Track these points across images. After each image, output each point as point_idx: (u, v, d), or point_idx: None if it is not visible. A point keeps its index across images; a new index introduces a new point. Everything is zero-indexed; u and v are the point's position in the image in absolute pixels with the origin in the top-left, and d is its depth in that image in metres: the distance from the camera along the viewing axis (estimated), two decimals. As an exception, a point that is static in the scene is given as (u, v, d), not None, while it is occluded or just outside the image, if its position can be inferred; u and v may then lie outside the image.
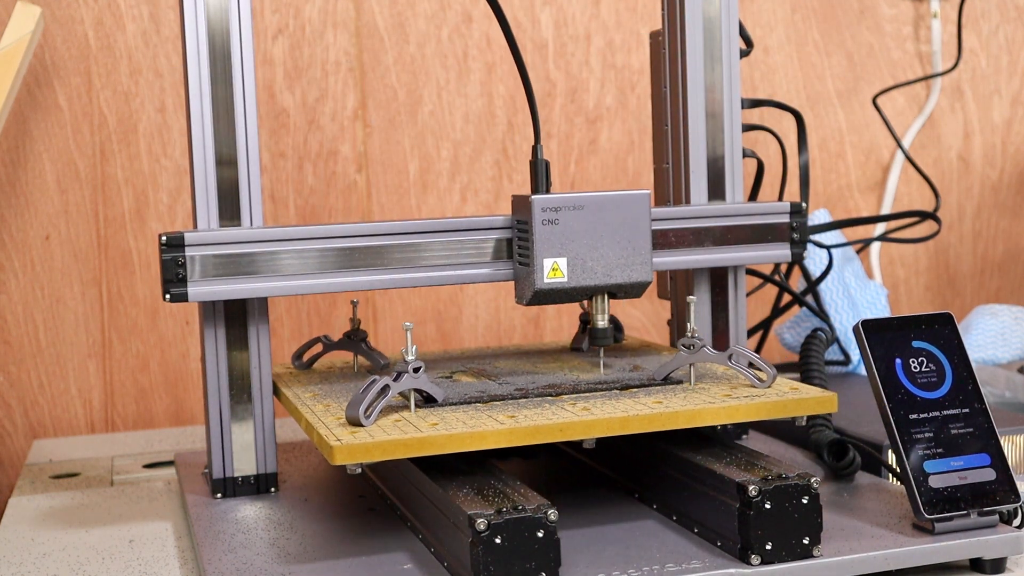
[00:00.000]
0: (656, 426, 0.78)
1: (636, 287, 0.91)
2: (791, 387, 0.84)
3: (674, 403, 0.81)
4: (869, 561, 0.76)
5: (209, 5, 0.91)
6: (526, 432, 0.76)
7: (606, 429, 0.77)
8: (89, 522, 0.94)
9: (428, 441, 0.74)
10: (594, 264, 0.89)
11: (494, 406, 0.82)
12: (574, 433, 0.77)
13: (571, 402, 0.82)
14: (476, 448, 0.75)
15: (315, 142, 1.37)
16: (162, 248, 0.87)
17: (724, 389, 0.84)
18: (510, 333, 1.45)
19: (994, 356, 1.30)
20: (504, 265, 0.93)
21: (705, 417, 0.79)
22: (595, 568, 0.75)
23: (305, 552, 0.81)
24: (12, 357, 1.31)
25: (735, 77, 1.02)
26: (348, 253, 0.91)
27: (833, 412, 0.83)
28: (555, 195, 0.89)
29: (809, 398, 0.82)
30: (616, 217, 0.89)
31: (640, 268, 0.90)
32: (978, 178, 1.63)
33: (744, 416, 0.80)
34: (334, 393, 0.90)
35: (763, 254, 1.01)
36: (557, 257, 0.89)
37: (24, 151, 1.30)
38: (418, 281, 0.92)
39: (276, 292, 0.90)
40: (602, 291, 0.90)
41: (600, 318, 0.91)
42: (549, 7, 1.44)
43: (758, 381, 0.85)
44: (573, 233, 0.89)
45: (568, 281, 0.89)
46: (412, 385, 0.80)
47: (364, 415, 0.77)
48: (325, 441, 0.74)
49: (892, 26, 1.58)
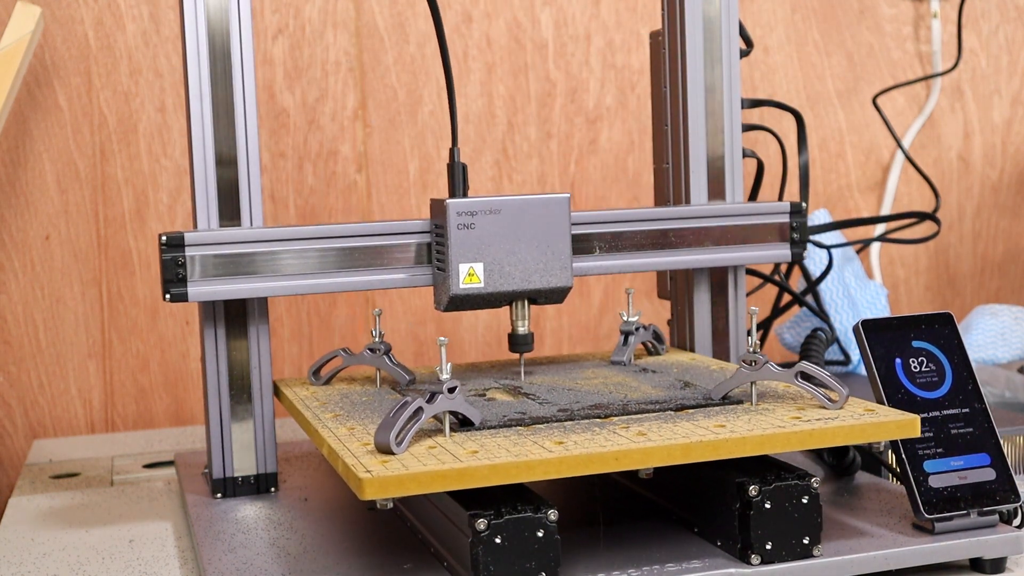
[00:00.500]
0: (722, 453, 0.71)
1: (556, 292, 0.90)
2: (866, 408, 0.78)
3: (739, 427, 0.74)
4: (869, 561, 0.76)
5: (209, 5, 0.91)
6: (578, 461, 0.69)
7: (666, 457, 0.70)
8: (89, 522, 0.94)
9: (468, 472, 0.67)
10: (512, 269, 0.88)
11: (537, 430, 0.76)
12: (630, 462, 0.70)
13: (623, 425, 0.76)
14: (523, 480, 0.69)
15: (315, 142, 1.37)
16: (162, 248, 0.87)
17: (791, 411, 0.78)
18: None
19: (994, 356, 1.30)
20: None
21: (776, 443, 0.72)
22: (595, 568, 0.75)
23: (305, 552, 0.81)
24: (12, 357, 1.31)
25: (735, 77, 1.02)
26: (348, 253, 0.91)
27: (915, 436, 0.76)
28: (471, 199, 0.88)
29: (889, 422, 0.75)
30: (535, 221, 0.88)
31: (560, 273, 0.89)
32: (978, 178, 1.63)
33: (818, 442, 0.73)
34: (357, 414, 0.84)
35: (763, 254, 1.01)
36: (473, 262, 0.87)
37: (24, 151, 1.30)
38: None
39: (276, 292, 0.90)
40: (521, 296, 0.89)
41: (520, 324, 0.90)
42: (549, 7, 1.44)
43: (829, 402, 0.78)
44: (490, 237, 0.87)
45: (485, 286, 0.87)
46: (447, 407, 0.74)
47: (395, 442, 0.70)
48: (353, 472, 0.68)
49: (892, 26, 1.58)
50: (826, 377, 0.78)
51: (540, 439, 0.73)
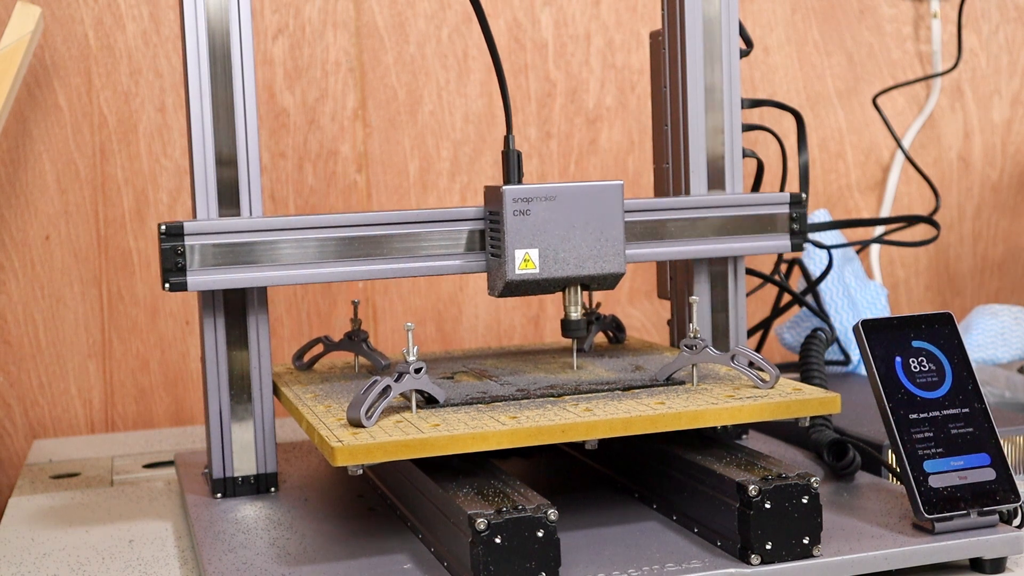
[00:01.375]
0: (659, 427, 0.78)
1: (609, 279, 0.90)
2: (794, 388, 0.84)
3: (677, 404, 0.80)
4: (869, 561, 0.76)
5: (209, 5, 0.91)
6: (528, 433, 0.76)
7: (608, 430, 0.77)
8: (89, 522, 0.94)
9: (430, 442, 0.74)
10: (566, 255, 0.89)
11: (496, 407, 0.82)
12: (576, 434, 0.77)
13: (573, 403, 0.82)
14: (478, 449, 0.75)
15: (315, 142, 1.37)
16: (161, 237, 0.87)
17: (727, 390, 0.84)
18: (510, 333, 1.45)
19: (994, 356, 1.30)
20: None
21: (708, 418, 0.79)
22: (595, 568, 0.75)
23: (305, 552, 0.81)
24: (12, 357, 1.31)
25: (735, 77, 1.02)
26: (347, 243, 0.91)
27: (836, 412, 0.82)
28: (527, 186, 0.88)
29: (812, 399, 0.81)
30: (589, 208, 0.89)
31: (613, 259, 0.90)
32: (978, 178, 1.63)
33: (747, 417, 0.80)
34: (335, 394, 0.90)
35: (762, 244, 1.01)
36: (529, 248, 0.88)
37: (24, 151, 1.30)
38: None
39: (275, 281, 0.90)
40: (575, 282, 0.90)
41: (573, 310, 0.91)
42: (549, 7, 1.44)
43: (761, 382, 0.84)
44: (545, 224, 0.88)
45: (540, 272, 0.88)
46: (413, 386, 0.80)
47: (365, 416, 0.76)
48: (326, 442, 0.74)
49: (892, 26, 1.58)
50: (759, 359, 0.84)
51: (497, 414, 0.79)
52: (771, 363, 0.84)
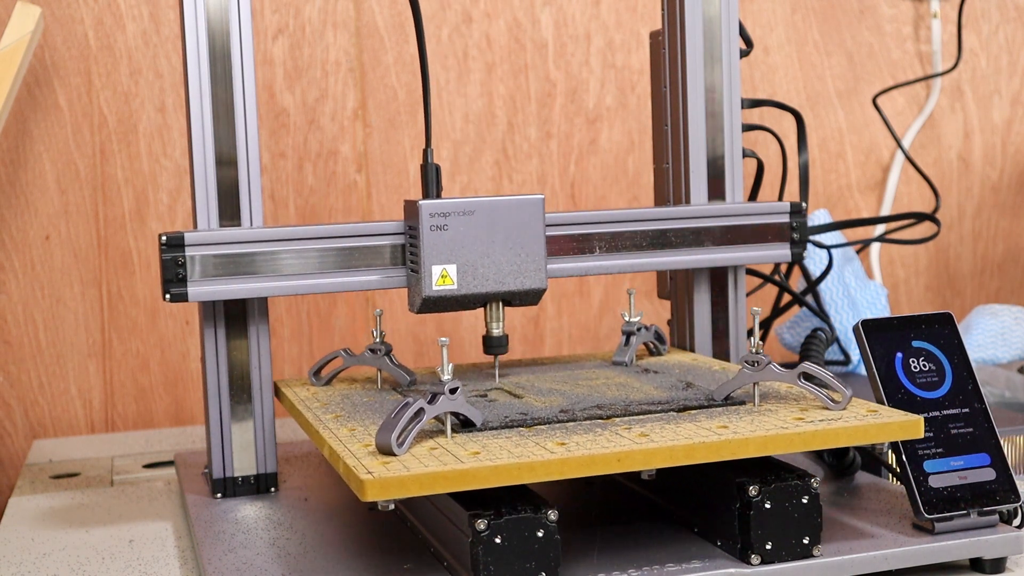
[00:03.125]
0: (724, 455, 0.71)
1: (531, 294, 0.89)
2: (869, 410, 0.78)
3: (742, 428, 0.74)
4: (869, 561, 0.76)
5: (209, 5, 0.91)
6: (580, 463, 0.69)
7: (669, 458, 0.70)
8: (89, 522, 0.94)
9: (470, 474, 0.67)
10: (485, 271, 0.87)
11: (539, 431, 0.75)
12: (633, 463, 0.70)
13: (625, 426, 0.76)
14: (525, 481, 0.69)
15: (315, 142, 1.37)
16: (162, 248, 0.87)
17: (794, 411, 0.78)
18: (510, 333, 1.45)
19: (994, 356, 1.30)
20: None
21: (778, 444, 0.72)
22: (595, 568, 0.75)
23: (305, 552, 0.81)
24: (12, 357, 1.31)
25: (735, 77, 1.02)
26: (348, 253, 0.91)
27: (918, 437, 0.75)
28: (444, 200, 0.87)
29: (892, 423, 0.75)
30: (508, 222, 0.88)
31: (534, 275, 0.89)
32: (978, 178, 1.63)
33: (822, 443, 0.73)
34: (359, 414, 0.83)
35: (763, 254, 1.01)
36: (446, 264, 0.87)
37: (24, 151, 1.30)
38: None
39: (276, 292, 0.90)
40: (495, 298, 0.89)
41: (495, 326, 0.90)
42: (549, 7, 1.44)
43: (831, 402, 0.78)
44: (463, 239, 0.87)
45: (458, 288, 0.87)
46: (449, 408, 0.74)
47: (396, 443, 0.70)
48: (354, 473, 0.67)
49: (892, 26, 1.58)
50: (829, 378, 0.78)
51: (542, 440, 0.73)
52: (843, 382, 0.78)
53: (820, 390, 0.79)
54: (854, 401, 0.79)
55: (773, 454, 0.74)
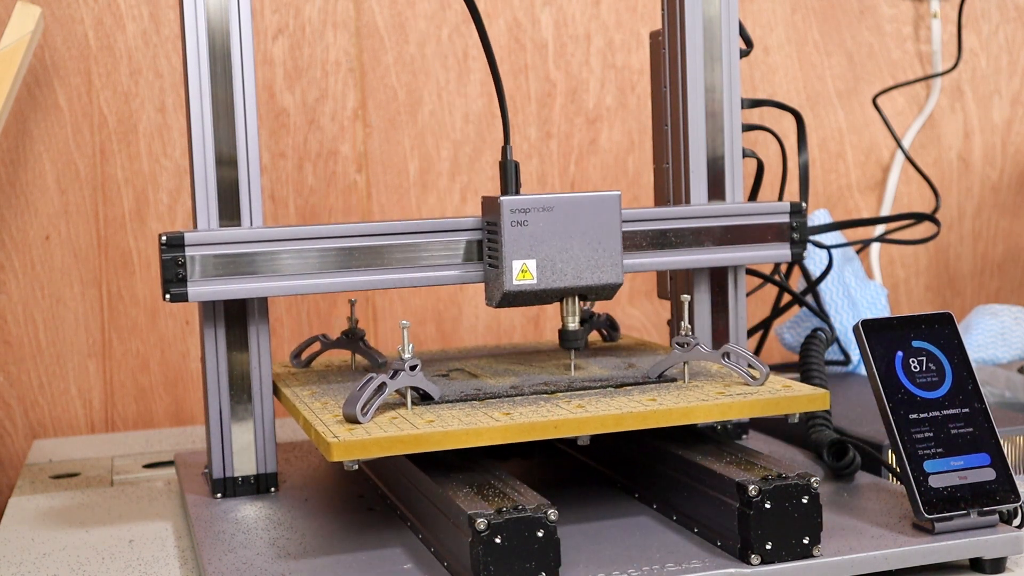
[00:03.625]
0: (650, 423, 0.79)
1: (607, 289, 0.90)
2: (783, 385, 0.85)
3: (667, 400, 0.81)
4: (869, 561, 0.76)
5: (209, 5, 0.91)
6: (521, 429, 0.76)
7: (600, 426, 0.78)
8: (89, 522, 0.94)
9: (424, 438, 0.75)
10: (564, 266, 0.89)
11: (490, 403, 0.82)
12: (568, 430, 0.77)
13: (566, 400, 0.83)
14: (471, 445, 0.75)
15: (315, 142, 1.37)
16: (162, 248, 0.87)
17: (718, 387, 0.85)
18: (510, 333, 1.45)
19: (994, 356, 1.30)
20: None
21: (698, 414, 0.80)
22: (595, 568, 0.75)
23: (305, 552, 0.81)
24: (12, 357, 1.31)
25: (735, 77, 1.02)
26: (348, 253, 0.91)
27: (826, 409, 0.82)
28: (524, 196, 0.88)
29: (801, 396, 0.82)
30: (586, 218, 0.89)
31: (611, 270, 0.90)
32: (978, 178, 1.63)
33: (737, 413, 0.81)
34: (332, 391, 0.90)
35: (763, 254, 1.01)
36: (526, 259, 0.88)
37: (24, 151, 1.30)
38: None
39: (276, 292, 0.90)
40: (572, 293, 0.90)
41: (571, 320, 0.91)
42: (549, 7, 1.44)
43: (751, 379, 0.85)
44: (542, 234, 0.88)
45: (538, 283, 0.88)
46: (408, 383, 0.81)
47: (361, 412, 0.77)
48: (322, 438, 0.75)
49: (892, 26, 1.58)
50: (751, 357, 0.85)
51: (490, 411, 0.80)
52: (762, 361, 0.85)
53: (741, 368, 0.86)
54: (772, 378, 0.86)
55: (694, 423, 0.80)
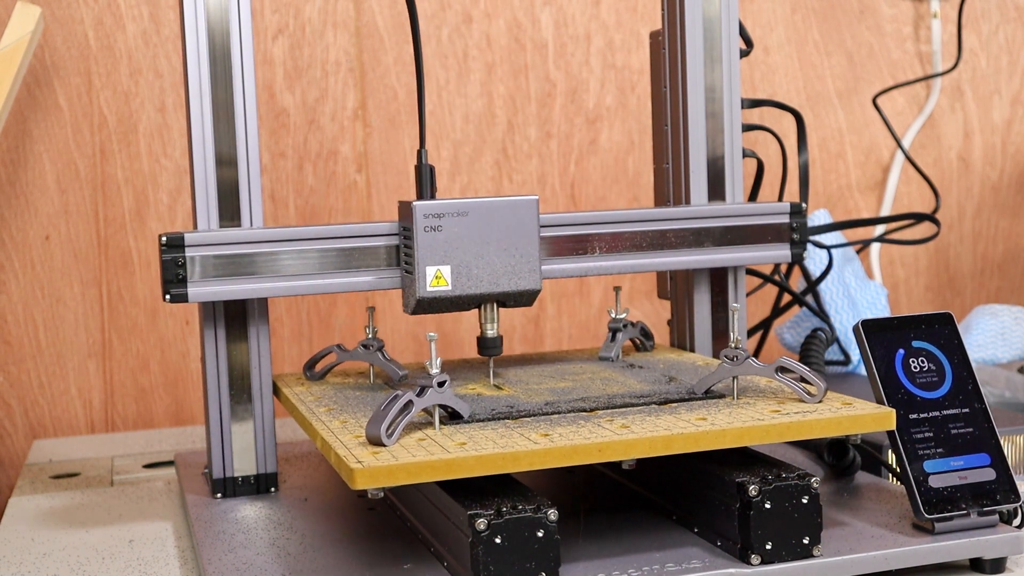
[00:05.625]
0: (702, 445, 0.73)
1: (525, 295, 0.89)
2: (843, 402, 0.79)
3: (720, 420, 0.76)
4: (869, 561, 0.76)
5: (209, 5, 0.91)
6: (562, 453, 0.71)
7: (648, 449, 0.72)
8: (89, 522, 0.94)
9: (456, 463, 0.69)
10: (480, 272, 0.87)
11: (524, 423, 0.77)
12: (613, 453, 0.72)
13: (607, 419, 0.77)
14: (509, 471, 0.70)
15: (315, 142, 1.37)
16: (162, 248, 0.87)
17: (771, 404, 0.80)
18: (510, 333, 1.45)
19: (994, 356, 1.30)
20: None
21: (754, 436, 0.74)
22: (595, 568, 0.75)
23: (305, 552, 0.81)
24: (12, 357, 1.31)
25: (735, 77, 1.02)
26: (348, 253, 0.91)
27: (890, 429, 0.77)
28: (439, 200, 0.87)
29: (865, 415, 0.77)
30: (503, 224, 0.88)
31: (528, 276, 0.89)
32: (978, 178, 1.63)
33: (796, 434, 0.75)
34: (350, 407, 0.85)
35: (763, 254, 1.01)
36: (440, 264, 0.87)
37: (24, 151, 1.30)
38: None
39: (276, 293, 0.90)
40: (489, 300, 0.89)
41: (489, 327, 0.90)
42: (549, 7, 1.44)
43: (807, 395, 0.80)
44: (458, 240, 0.87)
45: (452, 289, 0.87)
46: (437, 401, 0.76)
47: (386, 434, 0.72)
48: (344, 463, 0.70)
49: (892, 26, 1.58)
50: (805, 372, 0.80)
51: (526, 431, 0.75)
52: (819, 375, 0.80)
53: (796, 384, 0.80)
54: (829, 394, 0.81)
55: (749, 445, 0.75)
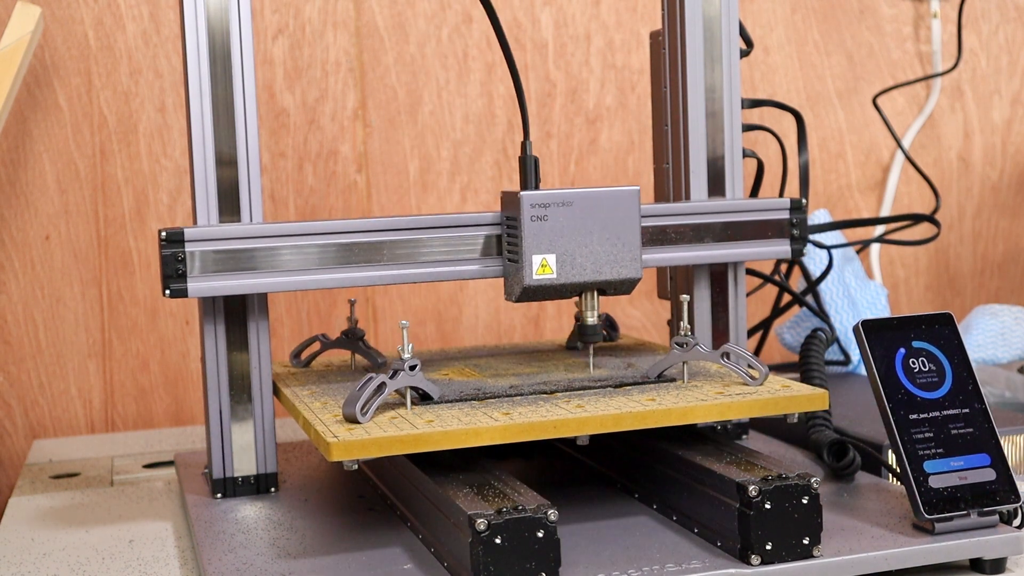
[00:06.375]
0: (649, 423, 0.79)
1: (626, 284, 0.91)
2: (783, 385, 0.85)
3: (666, 400, 0.81)
4: (869, 561, 0.76)
5: (209, 5, 0.91)
6: (520, 429, 0.77)
7: (599, 426, 0.78)
8: (89, 522, 0.94)
9: (424, 438, 0.75)
10: (583, 260, 0.89)
11: (489, 403, 0.82)
12: (567, 430, 0.77)
13: (565, 399, 0.83)
14: (471, 444, 0.75)
15: (315, 142, 1.37)
16: (162, 244, 0.87)
17: (717, 387, 0.85)
18: (510, 333, 1.45)
19: (994, 356, 1.30)
20: (494, 262, 0.93)
21: (697, 414, 0.80)
22: (595, 568, 0.75)
23: (305, 552, 0.81)
24: (12, 357, 1.31)
25: (735, 77, 1.02)
26: (348, 249, 0.91)
27: (826, 409, 0.83)
28: (544, 191, 0.89)
29: (800, 395, 0.82)
30: (606, 213, 0.89)
31: (630, 264, 0.90)
32: (978, 178, 1.63)
33: (736, 413, 0.81)
34: (331, 391, 0.90)
35: (763, 250, 1.01)
36: (546, 253, 0.88)
37: (24, 151, 1.30)
38: (412, 277, 0.92)
39: (276, 288, 0.90)
40: (591, 288, 0.90)
41: (590, 315, 0.91)
42: (549, 7, 1.44)
43: (750, 379, 0.85)
44: (562, 229, 0.88)
45: (557, 277, 0.89)
46: (408, 383, 0.81)
47: (361, 412, 0.77)
48: (322, 438, 0.75)
49: (892, 26, 1.58)
50: (750, 357, 0.85)
51: (490, 411, 0.80)
52: (761, 361, 0.85)
53: (740, 368, 0.86)
54: (771, 378, 0.86)
55: (693, 423, 0.80)
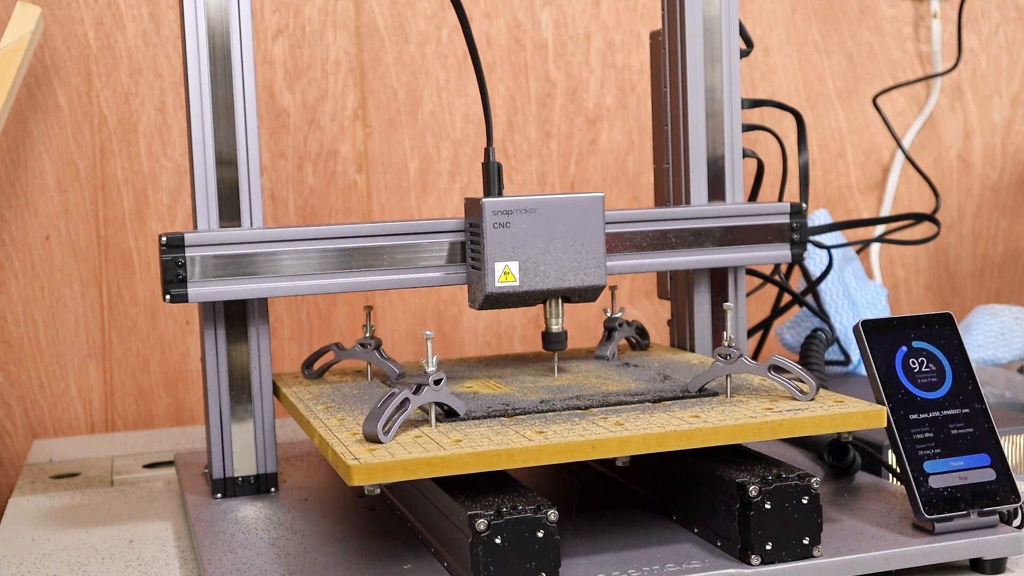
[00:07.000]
0: (694, 442, 0.74)
1: (590, 291, 0.90)
2: (835, 400, 0.80)
3: (712, 418, 0.76)
4: (869, 561, 0.76)
5: (209, 5, 0.91)
6: (557, 450, 0.72)
7: (642, 446, 0.73)
8: (89, 522, 0.94)
9: (452, 460, 0.70)
10: (547, 268, 0.88)
11: (520, 420, 0.78)
12: (607, 450, 0.73)
13: (602, 416, 0.78)
14: (504, 467, 0.71)
15: (315, 142, 1.37)
16: (162, 249, 0.87)
17: (764, 402, 0.80)
18: (510, 333, 1.45)
19: (994, 356, 1.30)
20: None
21: (747, 433, 0.75)
22: (595, 568, 0.75)
23: (305, 552, 0.81)
24: (12, 357, 1.31)
25: (735, 77, 1.02)
26: (348, 254, 0.91)
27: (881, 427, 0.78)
28: (506, 198, 0.88)
29: (856, 412, 0.77)
30: (569, 220, 0.88)
31: (594, 272, 0.89)
32: (978, 178, 1.63)
33: (788, 431, 0.76)
34: (348, 405, 0.86)
35: (763, 255, 1.01)
36: (509, 261, 0.87)
37: (24, 151, 1.30)
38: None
39: (276, 293, 0.90)
40: (555, 295, 0.89)
41: (554, 322, 0.90)
42: (549, 7, 1.44)
43: (800, 393, 0.80)
44: (525, 236, 0.87)
45: (520, 285, 0.88)
46: (433, 398, 0.76)
47: (383, 431, 0.73)
48: (341, 460, 0.71)
49: (892, 26, 1.58)
50: (798, 370, 0.80)
51: (522, 429, 0.76)
52: (811, 374, 0.81)
53: (789, 382, 0.81)
54: (821, 392, 0.82)
55: (742, 442, 0.76)
